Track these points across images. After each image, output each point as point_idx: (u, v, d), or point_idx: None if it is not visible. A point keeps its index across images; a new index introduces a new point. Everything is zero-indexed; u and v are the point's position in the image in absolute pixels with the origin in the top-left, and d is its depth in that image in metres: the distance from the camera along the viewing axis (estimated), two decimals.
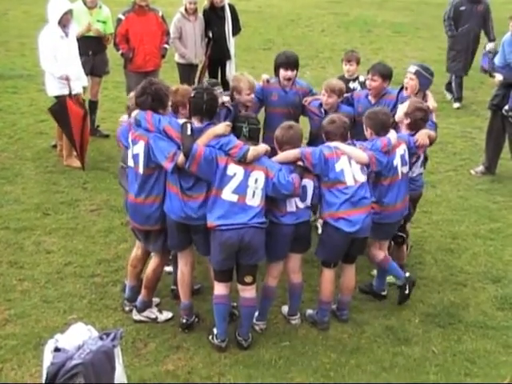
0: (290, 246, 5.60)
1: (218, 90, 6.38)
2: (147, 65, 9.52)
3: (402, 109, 6.12)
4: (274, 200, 5.45)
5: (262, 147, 5.43)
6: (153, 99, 5.38)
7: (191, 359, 5.38)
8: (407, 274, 6.06)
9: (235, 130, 5.43)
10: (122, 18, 9.41)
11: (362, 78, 7.40)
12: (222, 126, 5.37)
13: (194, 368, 5.29)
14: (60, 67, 8.32)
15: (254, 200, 5.29)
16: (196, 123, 5.36)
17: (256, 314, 5.72)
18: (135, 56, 9.43)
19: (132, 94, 5.93)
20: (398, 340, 5.69)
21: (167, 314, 5.88)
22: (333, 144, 5.63)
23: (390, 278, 6.40)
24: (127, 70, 9.68)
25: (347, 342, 5.66)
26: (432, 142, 6.27)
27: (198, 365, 5.32)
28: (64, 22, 8.37)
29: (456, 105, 11.90)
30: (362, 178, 5.60)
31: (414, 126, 6.04)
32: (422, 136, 6.03)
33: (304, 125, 7.61)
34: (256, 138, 5.54)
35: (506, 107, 8.73)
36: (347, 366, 5.38)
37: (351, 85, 7.42)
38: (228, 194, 5.26)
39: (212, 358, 5.41)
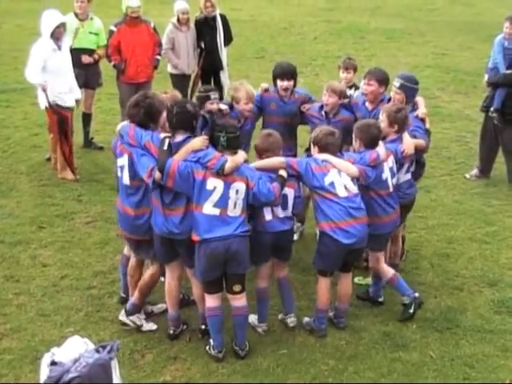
0: (270, 251, 5.62)
1: (213, 95, 6.41)
2: (139, 76, 9.54)
3: (382, 123, 6.07)
4: (253, 208, 5.44)
5: (241, 156, 5.36)
6: (144, 113, 5.39)
7: (189, 370, 5.36)
8: (416, 295, 5.92)
9: (213, 140, 5.35)
10: (114, 29, 9.45)
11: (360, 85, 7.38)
12: (199, 141, 5.29)
13: (192, 378, 5.27)
14: (41, 76, 8.27)
15: (236, 211, 5.26)
16: (175, 137, 5.33)
17: (256, 317, 5.75)
18: (127, 67, 9.46)
19: None
20: (396, 346, 5.68)
21: (151, 326, 5.85)
22: (322, 157, 5.62)
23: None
24: (120, 82, 9.71)
25: (345, 349, 5.65)
26: (423, 149, 6.26)
27: (195, 375, 5.30)
28: (57, 35, 8.37)
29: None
30: (355, 189, 5.60)
31: (404, 126, 6.05)
32: (409, 146, 6.02)
33: (303, 133, 7.67)
34: (235, 146, 5.35)
35: (492, 108, 8.76)
36: (345, 372, 5.37)
37: (348, 92, 7.42)
38: (209, 209, 5.21)
39: (209, 368, 5.39)
